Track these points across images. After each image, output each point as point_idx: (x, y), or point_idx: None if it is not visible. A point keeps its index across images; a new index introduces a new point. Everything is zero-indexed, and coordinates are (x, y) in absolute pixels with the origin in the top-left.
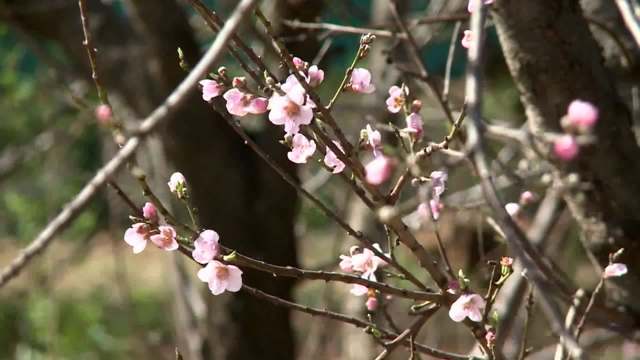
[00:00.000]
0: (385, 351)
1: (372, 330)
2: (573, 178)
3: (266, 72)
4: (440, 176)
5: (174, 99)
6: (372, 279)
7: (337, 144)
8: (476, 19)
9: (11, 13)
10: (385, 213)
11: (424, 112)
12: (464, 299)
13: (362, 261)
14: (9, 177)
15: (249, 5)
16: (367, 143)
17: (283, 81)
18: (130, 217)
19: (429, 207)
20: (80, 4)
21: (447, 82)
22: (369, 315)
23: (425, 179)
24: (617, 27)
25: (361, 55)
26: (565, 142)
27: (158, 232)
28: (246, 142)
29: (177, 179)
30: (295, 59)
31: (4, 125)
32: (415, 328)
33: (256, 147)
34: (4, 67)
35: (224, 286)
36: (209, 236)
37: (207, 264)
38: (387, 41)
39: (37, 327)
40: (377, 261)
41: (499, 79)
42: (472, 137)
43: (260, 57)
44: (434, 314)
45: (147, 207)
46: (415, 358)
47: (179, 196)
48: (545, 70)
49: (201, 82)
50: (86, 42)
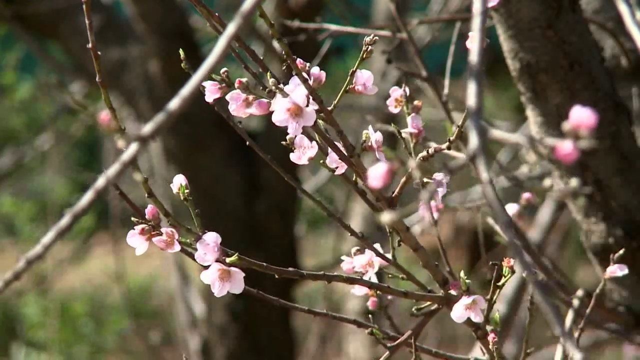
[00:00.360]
0: (388, 353)
1: (374, 331)
2: (574, 182)
3: (269, 74)
4: (442, 178)
5: (175, 103)
6: (374, 279)
7: (340, 145)
8: (477, 22)
9: (11, 13)
10: (387, 217)
11: (424, 112)
12: (466, 299)
13: (363, 262)
14: (9, 177)
15: (250, 9)
16: (369, 144)
17: (284, 82)
18: (132, 218)
19: (430, 210)
20: (85, 7)
21: (447, 82)
22: (369, 315)
23: (427, 180)
24: (617, 27)
25: (364, 56)
26: (566, 147)
27: (160, 234)
28: (248, 142)
29: (179, 181)
30: (298, 60)
31: (4, 125)
32: (417, 329)
33: (257, 147)
34: (4, 67)
35: (227, 288)
36: (211, 238)
37: (209, 266)
38: (387, 41)
39: (33, 325)
40: (378, 262)
41: (499, 79)
42: (473, 141)
43: (261, 57)
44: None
45: (150, 209)
46: (416, 359)
47: (182, 198)
48: (545, 70)
49: (203, 83)
50: (90, 45)
